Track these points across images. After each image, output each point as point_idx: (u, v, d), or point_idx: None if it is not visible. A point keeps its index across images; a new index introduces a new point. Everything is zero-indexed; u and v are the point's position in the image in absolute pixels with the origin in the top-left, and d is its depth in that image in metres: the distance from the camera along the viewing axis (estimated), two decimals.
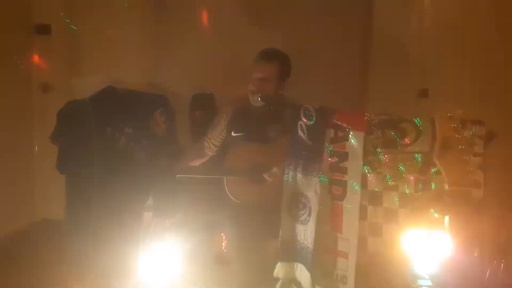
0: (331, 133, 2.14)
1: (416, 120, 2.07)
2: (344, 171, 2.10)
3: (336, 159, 2.12)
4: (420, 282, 2.23)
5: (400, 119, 2.10)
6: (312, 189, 2.17)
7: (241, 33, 3.30)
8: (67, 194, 2.26)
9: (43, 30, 3.29)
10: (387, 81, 3.15)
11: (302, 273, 2.21)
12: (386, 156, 2.08)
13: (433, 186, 2.06)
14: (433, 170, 2.04)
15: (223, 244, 2.68)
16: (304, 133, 2.20)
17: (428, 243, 2.07)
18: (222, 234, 2.67)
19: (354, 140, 2.09)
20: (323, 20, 3.27)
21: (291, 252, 2.23)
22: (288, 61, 2.61)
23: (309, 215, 2.17)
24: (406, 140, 2.06)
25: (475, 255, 1.95)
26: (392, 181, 2.08)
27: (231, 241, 2.62)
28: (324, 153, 2.15)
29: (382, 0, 3.27)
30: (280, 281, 2.26)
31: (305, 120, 2.19)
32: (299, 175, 2.20)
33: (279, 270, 2.26)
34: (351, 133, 2.10)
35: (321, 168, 2.15)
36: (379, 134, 2.09)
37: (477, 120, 2.04)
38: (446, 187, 2.02)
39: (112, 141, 2.22)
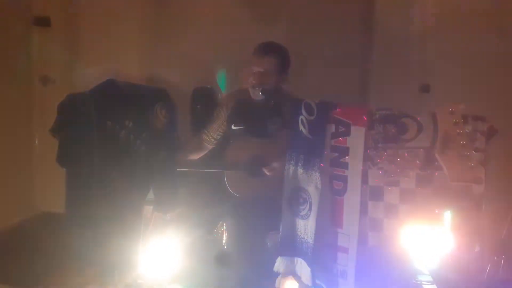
0: (332, 128, 2.14)
1: (418, 115, 2.07)
2: (345, 166, 2.10)
3: (337, 154, 2.12)
4: (421, 277, 2.23)
5: (401, 114, 2.09)
6: (312, 184, 2.17)
7: (242, 27, 3.28)
8: (67, 187, 2.26)
9: (43, 22, 3.28)
10: (388, 75, 3.14)
11: (303, 268, 2.21)
12: (387, 151, 2.08)
13: (434, 181, 2.05)
14: (434, 165, 2.04)
15: (223, 238, 2.68)
16: (305, 127, 2.19)
17: (428, 239, 2.07)
18: (222, 228, 2.68)
19: (355, 135, 2.08)
20: (325, 14, 3.26)
21: (291, 246, 2.23)
22: (287, 54, 2.60)
23: (310, 210, 2.17)
24: (407, 135, 2.05)
25: (475, 250, 1.94)
26: (392, 177, 2.08)
27: (231, 235, 2.63)
28: (325, 148, 2.15)
29: None
30: (281, 275, 2.26)
31: (306, 114, 2.18)
32: (300, 170, 2.20)
33: (280, 264, 2.26)
34: (352, 128, 2.09)
35: (321, 163, 2.15)
36: (380, 129, 2.08)
37: (479, 115, 2.03)
38: (447, 182, 2.02)
39: (112, 134, 2.21)
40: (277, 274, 2.27)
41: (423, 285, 2.22)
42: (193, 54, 3.32)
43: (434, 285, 2.18)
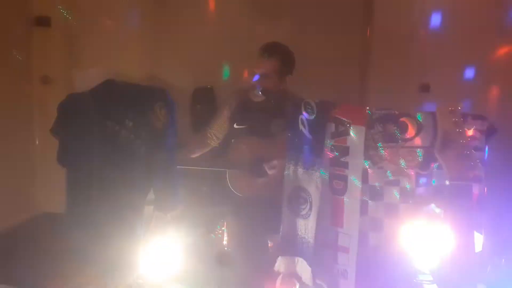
0: (332, 127, 2.14)
1: (417, 115, 2.06)
2: (345, 165, 2.10)
3: (337, 153, 2.12)
4: (421, 277, 2.23)
5: (401, 113, 2.09)
6: (313, 183, 2.17)
7: (243, 27, 3.29)
8: (67, 187, 2.26)
9: (43, 22, 3.28)
10: (388, 75, 3.15)
11: (303, 268, 2.21)
12: (387, 150, 2.08)
13: (433, 181, 2.05)
14: (434, 164, 2.04)
15: (224, 237, 2.68)
16: (304, 127, 2.19)
17: (428, 238, 2.07)
18: (223, 228, 2.68)
19: (355, 135, 2.08)
20: (325, 15, 3.26)
21: (292, 246, 2.23)
22: (290, 56, 2.59)
23: (310, 209, 2.17)
24: (407, 134, 2.05)
25: (475, 250, 1.94)
26: (393, 176, 2.08)
27: (232, 234, 2.63)
28: (325, 148, 2.15)
29: None
30: (281, 275, 2.26)
31: (306, 114, 2.18)
32: (300, 170, 2.20)
33: (280, 264, 2.26)
34: (352, 127, 2.09)
35: (321, 162, 2.15)
36: (380, 129, 2.08)
37: (479, 114, 2.03)
38: (447, 181, 2.02)
39: (112, 134, 2.21)
40: (278, 273, 2.27)
41: (424, 285, 2.22)
42: (193, 54, 3.33)
43: (435, 284, 2.17)
